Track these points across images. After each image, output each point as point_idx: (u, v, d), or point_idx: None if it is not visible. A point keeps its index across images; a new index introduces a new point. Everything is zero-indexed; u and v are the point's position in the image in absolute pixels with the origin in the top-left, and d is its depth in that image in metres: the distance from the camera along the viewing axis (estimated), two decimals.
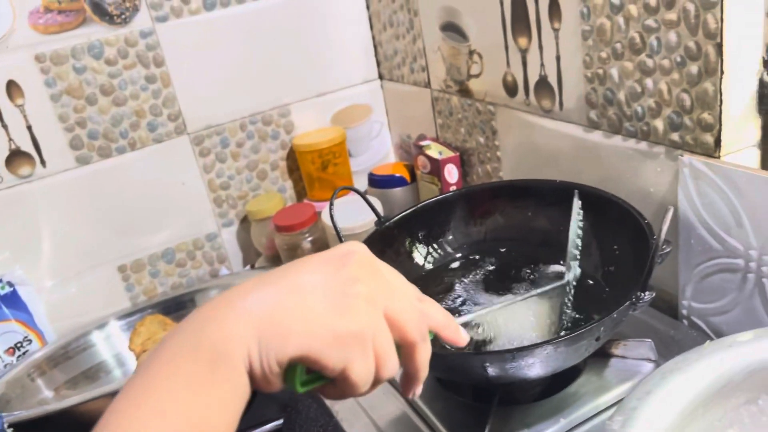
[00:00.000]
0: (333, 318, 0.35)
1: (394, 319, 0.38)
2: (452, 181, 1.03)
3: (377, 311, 0.37)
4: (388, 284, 0.39)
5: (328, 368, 0.35)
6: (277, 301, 0.36)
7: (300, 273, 0.38)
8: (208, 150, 1.10)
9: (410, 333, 0.38)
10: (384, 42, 1.15)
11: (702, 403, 0.46)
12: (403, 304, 0.39)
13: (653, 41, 0.65)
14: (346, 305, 0.36)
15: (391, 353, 0.38)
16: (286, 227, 1.02)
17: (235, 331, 0.35)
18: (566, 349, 0.55)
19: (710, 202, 0.64)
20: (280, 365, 0.35)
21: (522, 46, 0.83)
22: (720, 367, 0.47)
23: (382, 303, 0.37)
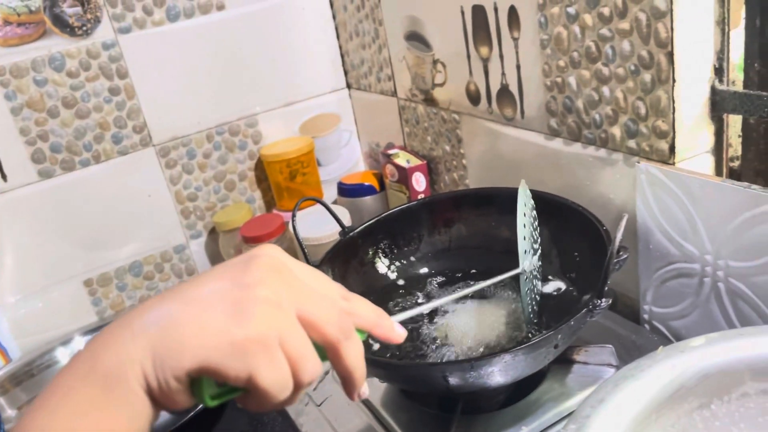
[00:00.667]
0: (229, 325, 0.34)
1: (308, 319, 0.36)
2: (420, 189, 1.04)
3: (284, 313, 0.35)
4: (300, 284, 0.37)
5: (231, 378, 0.34)
6: (171, 316, 0.35)
7: (200, 284, 0.36)
8: (175, 161, 1.09)
9: (329, 332, 0.37)
10: (351, 51, 1.15)
11: (655, 409, 0.47)
12: (319, 304, 0.37)
13: (608, 50, 0.66)
14: (244, 311, 0.34)
15: (307, 355, 0.36)
16: (254, 238, 1.01)
17: (128, 352, 0.34)
18: (525, 357, 0.55)
19: (666, 207, 0.65)
20: (178, 380, 0.34)
21: (483, 56, 0.83)
22: (672, 372, 0.47)
23: (292, 304, 0.36)
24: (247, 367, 0.34)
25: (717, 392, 0.48)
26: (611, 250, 0.54)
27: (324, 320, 0.37)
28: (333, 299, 0.39)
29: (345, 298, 0.40)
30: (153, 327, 0.34)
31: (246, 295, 0.35)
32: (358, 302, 0.41)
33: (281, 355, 0.35)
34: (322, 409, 0.70)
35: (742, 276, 0.60)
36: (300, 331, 0.36)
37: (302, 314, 0.36)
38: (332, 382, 0.74)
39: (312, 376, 0.36)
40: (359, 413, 0.69)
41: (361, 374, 0.40)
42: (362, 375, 0.40)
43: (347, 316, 0.39)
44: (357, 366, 0.39)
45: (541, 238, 0.73)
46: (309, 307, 0.36)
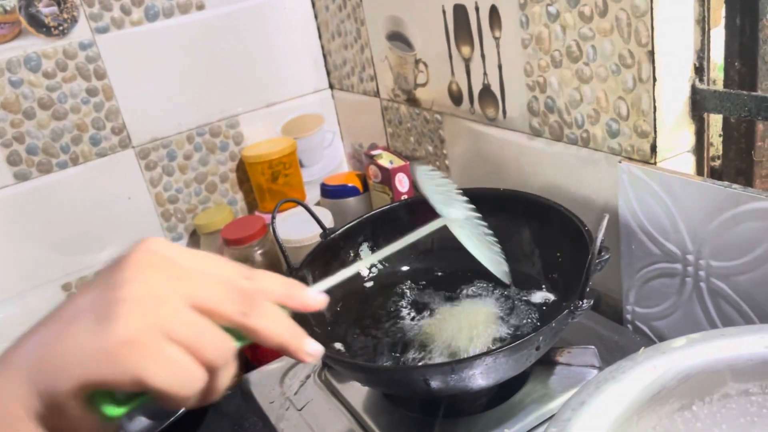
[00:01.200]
0: (97, 333, 0.32)
1: (201, 305, 0.34)
2: (403, 190, 1.03)
3: (164, 305, 0.33)
4: (185, 272, 0.35)
5: (116, 385, 0.32)
6: (43, 341, 0.33)
7: (71, 300, 0.35)
8: (155, 163, 1.08)
9: (227, 310, 0.35)
10: (333, 51, 1.15)
11: (636, 411, 0.46)
12: (209, 286, 0.35)
13: (589, 49, 0.65)
14: (109, 314, 0.32)
15: (204, 337, 0.34)
16: (235, 240, 1.00)
17: (9, 392, 0.32)
18: (506, 359, 0.54)
19: (648, 207, 0.65)
20: (70, 404, 0.32)
21: (465, 55, 0.83)
22: (653, 373, 0.47)
23: (176, 294, 0.34)
24: (127, 370, 0.32)
25: (698, 393, 0.48)
26: (593, 251, 0.54)
27: (218, 300, 0.35)
28: (228, 280, 0.36)
29: (247, 277, 0.38)
30: (28, 358, 0.33)
31: (111, 298, 0.33)
32: (263, 278, 0.38)
33: (171, 347, 0.33)
34: (303, 413, 0.69)
35: (724, 275, 0.60)
36: (188, 316, 0.34)
37: (193, 301, 0.34)
38: (313, 386, 0.73)
39: (219, 355, 0.34)
40: (341, 417, 0.68)
41: (293, 336, 0.38)
42: (295, 337, 0.38)
43: (249, 289, 0.36)
44: (281, 331, 0.37)
45: (522, 239, 0.73)
46: (198, 291, 0.35)
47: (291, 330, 0.38)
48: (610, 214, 0.70)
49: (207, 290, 0.35)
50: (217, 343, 0.34)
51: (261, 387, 0.75)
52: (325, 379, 0.73)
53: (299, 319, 0.65)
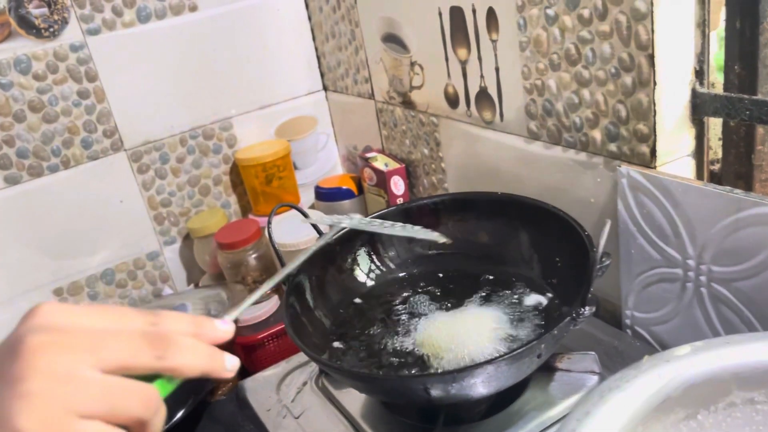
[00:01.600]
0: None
1: (112, 365, 0.33)
2: (399, 193, 1.02)
3: (68, 384, 0.31)
4: (84, 337, 0.33)
5: None
6: None
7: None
8: (147, 166, 1.07)
9: (143, 361, 0.34)
10: (327, 53, 1.14)
11: (641, 421, 0.45)
12: (116, 344, 0.34)
13: (588, 52, 0.65)
14: (11, 415, 0.30)
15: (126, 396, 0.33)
16: (229, 244, 0.99)
17: None
18: (508, 368, 0.54)
19: (648, 212, 0.64)
20: None
21: (462, 58, 0.82)
22: (658, 382, 0.46)
23: (80, 364, 0.32)
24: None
25: (703, 402, 0.47)
26: (594, 257, 0.53)
27: (128, 354, 0.34)
28: (132, 330, 0.35)
29: (152, 322, 0.36)
30: None
31: (8, 396, 0.31)
32: (168, 319, 0.37)
33: (86, 425, 0.31)
34: (300, 421, 0.68)
35: (725, 281, 0.59)
36: (97, 383, 0.32)
37: (101, 364, 0.33)
38: (310, 393, 0.72)
39: (142, 408, 0.33)
40: (338, 425, 0.67)
41: (213, 360, 0.37)
42: (214, 360, 0.37)
43: (156, 331, 0.36)
44: (200, 361, 0.36)
45: (521, 243, 0.72)
46: (104, 353, 0.33)
47: (209, 355, 0.37)
48: (608, 218, 0.70)
49: (113, 348, 0.34)
50: (137, 397, 0.33)
51: (257, 394, 0.74)
52: (322, 386, 0.72)
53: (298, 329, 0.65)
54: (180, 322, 0.38)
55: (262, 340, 0.91)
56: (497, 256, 0.72)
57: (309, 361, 0.77)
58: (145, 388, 0.34)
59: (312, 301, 0.70)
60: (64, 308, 0.35)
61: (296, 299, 0.67)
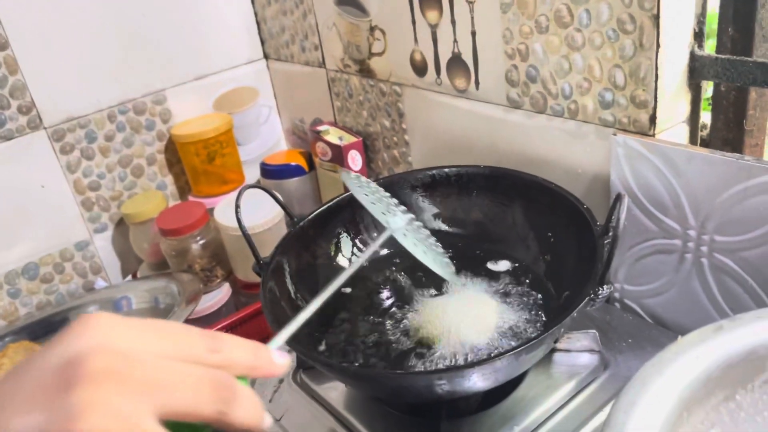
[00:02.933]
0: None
1: (176, 413, 0.29)
2: (356, 169, 0.96)
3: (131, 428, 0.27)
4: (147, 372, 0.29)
5: None
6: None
7: (4, 418, 0.27)
8: (71, 146, 0.95)
9: (206, 413, 0.30)
10: (268, 18, 1.05)
11: (686, 407, 0.43)
12: (181, 387, 0.29)
13: (582, 14, 0.61)
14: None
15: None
16: (173, 231, 0.90)
17: None
18: (527, 355, 0.49)
19: (646, 182, 0.61)
20: None
21: (432, 21, 0.76)
22: (698, 364, 0.44)
23: (143, 409, 0.27)
24: None
25: (741, 381, 0.45)
26: (614, 234, 0.50)
27: (194, 403, 0.29)
28: (196, 367, 0.30)
29: (213, 350, 0.32)
30: None
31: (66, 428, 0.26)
32: (230, 346, 0.33)
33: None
34: (282, 423, 0.62)
35: (729, 251, 0.58)
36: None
37: (163, 411, 0.28)
38: (289, 391, 0.66)
39: None
40: (325, 423, 0.62)
41: (260, 420, 0.33)
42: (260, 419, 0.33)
43: (221, 376, 0.31)
44: (254, 418, 0.32)
45: (514, 220, 0.68)
46: (170, 399, 0.28)
47: (259, 412, 0.33)
48: (600, 188, 0.67)
49: (179, 394, 0.29)
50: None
51: None
52: (301, 382, 0.66)
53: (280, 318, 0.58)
54: (240, 350, 0.33)
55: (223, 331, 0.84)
56: (485, 232, 0.68)
57: None
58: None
59: (293, 288, 0.63)
60: (125, 325, 0.29)
61: (276, 285, 0.61)
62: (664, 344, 0.62)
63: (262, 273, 0.60)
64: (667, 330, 0.66)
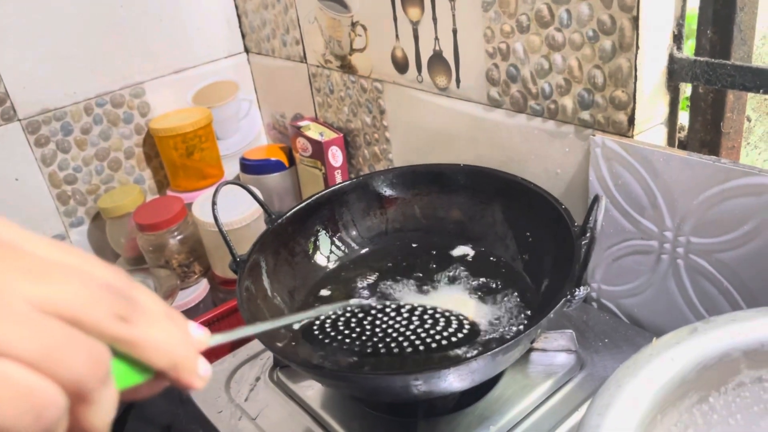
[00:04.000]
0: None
1: (60, 308, 0.24)
2: (336, 165, 0.95)
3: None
4: (34, 263, 0.25)
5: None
6: None
7: None
8: (47, 138, 0.93)
9: (100, 317, 0.25)
10: (249, 12, 1.03)
11: (660, 409, 0.43)
12: (72, 284, 0.25)
13: (563, 14, 0.61)
14: None
15: (64, 347, 0.24)
16: (150, 226, 0.89)
17: None
18: (503, 355, 0.49)
19: (624, 183, 0.62)
20: None
21: (413, 18, 0.76)
22: (672, 366, 0.44)
23: (19, 292, 0.24)
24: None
25: (715, 384, 0.45)
26: (592, 235, 0.50)
27: (84, 301, 0.24)
28: (98, 276, 0.26)
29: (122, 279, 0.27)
30: None
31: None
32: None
33: (2, 364, 0.23)
34: (258, 422, 0.62)
35: (705, 252, 0.58)
36: (33, 320, 0.23)
37: (46, 303, 0.24)
38: (265, 389, 0.66)
39: (86, 369, 0.24)
40: (302, 422, 0.61)
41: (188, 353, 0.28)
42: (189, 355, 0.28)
43: (129, 293, 0.26)
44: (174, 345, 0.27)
45: (493, 219, 0.68)
46: (54, 290, 0.24)
47: (183, 342, 0.28)
48: (578, 188, 0.67)
49: (64, 287, 0.24)
50: (81, 351, 0.24)
51: (204, 395, 0.66)
52: (278, 380, 0.66)
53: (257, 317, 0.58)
54: (154, 300, 0.27)
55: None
56: (463, 230, 0.68)
57: (260, 352, 0.70)
58: (94, 345, 0.24)
59: (269, 286, 0.62)
60: (16, 226, 0.26)
61: (252, 284, 0.60)
62: (640, 344, 0.64)
63: (238, 271, 0.60)
64: (643, 330, 0.66)
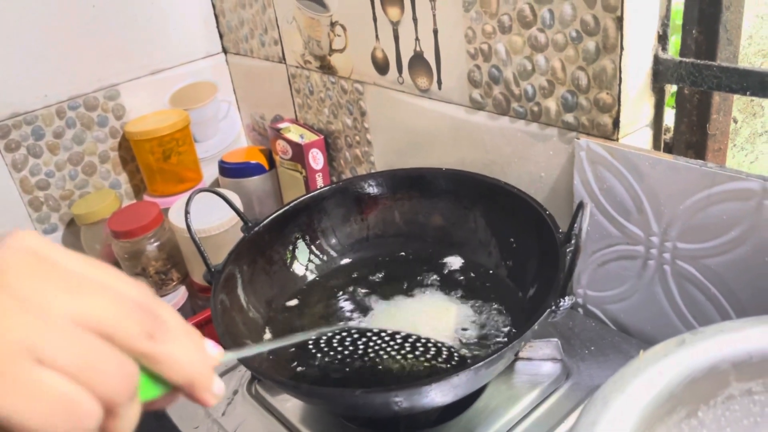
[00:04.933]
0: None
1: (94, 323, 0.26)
2: (317, 168, 0.93)
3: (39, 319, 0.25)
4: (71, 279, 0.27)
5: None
6: None
7: None
8: (17, 143, 0.91)
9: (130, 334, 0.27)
10: (227, 11, 1.01)
11: (648, 426, 0.41)
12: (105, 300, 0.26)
13: (546, 14, 0.59)
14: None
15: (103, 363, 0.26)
16: (126, 233, 0.86)
17: None
18: (487, 368, 0.48)
19: (609, 187, 0.60)
20: None
21: (393, 18, 0.74)
22: (661, 380, 0.42)
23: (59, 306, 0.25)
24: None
25: (704, 397, 0.44)
26: (576, 244, 0.48)
27: (116, 318, 0.26)
28: (127, 294, 0.27)
29: (148, 295, 0.29)
30: None
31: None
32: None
33: (45, 373, 0.24)
34: None
35: (692, 258, 0.57)
36: (74, 336, 0.25)
37: (83, 318, 0.25)
38: (243, 403, 0.63)
39: (119, 386, 0.25)
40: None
41: (204, 370, 0.29)
42: (206, 372, 0.29)
43: (154, 310, 0.28)
44: (193, 363, 0.29)
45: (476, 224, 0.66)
46: (89, 306, 0.26)
47: (201, 361, 0.29)
48: (563, 192, 0.66)
49: (99, 303, 0.26)
50: (116, 369, 0.26)
51: (180, 410, 0.64)
52: (256, 394, 0.64)
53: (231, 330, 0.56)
54: (176, 318, 0.30)
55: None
56: (446, 236, 0.66)
57: (238, 365, 0.68)
58: (127, 363, 0.26)
59: (245, 298, 0.60)
60: (51, 242, 0.27)
61: (226, 296, 0.58)
62: (626, 351, 0.63)
63: (213, 282, 0.57)
64: (630, 337, 0.65)
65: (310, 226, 0.68)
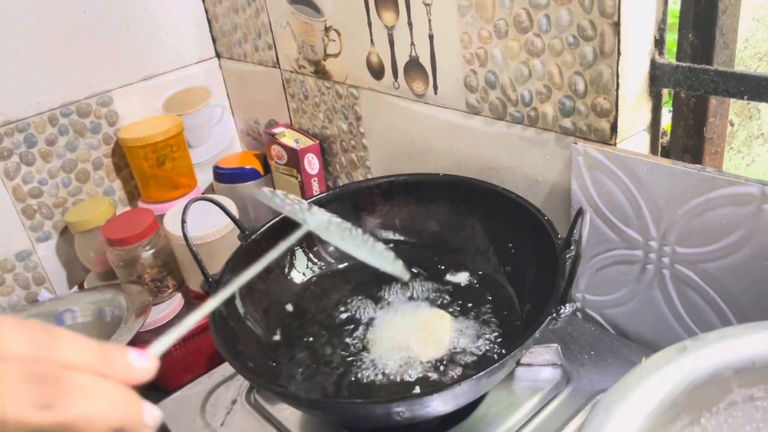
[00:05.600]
0: None
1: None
2: (313, 173, 0.93)
3: None
4: None
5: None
6: None
7: None
8: (9, 151, 0.90)
9: (17, 413, 0.24)
10: (220, 16, 1.00)
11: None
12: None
13: (542, 19, 0.59)
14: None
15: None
16: (121, 240, 0.86)
17: None
18: (488, 380, 0.48)
19: (607, 191, 0.60)
20: None
21: (388, 23, 0.74)
22: (663, 387, 0.42)
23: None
24: None
25: (706, 404, 0.44)
26: (577, 251, 0.48)
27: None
28: (8, 357, 0.25)
29: (43, 347, 0.25)
30: None
31: None
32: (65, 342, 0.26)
33: None
34: None
35: (691, 262, 0.57)
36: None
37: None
38: (242, 412, 0.63)
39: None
40: None
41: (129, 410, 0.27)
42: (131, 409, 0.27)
43: (47, 371, 0.25)
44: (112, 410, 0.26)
45: (473, 230, 0.66)
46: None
47: (120, 401, 0.26)
48: (561, 197, 0.66)
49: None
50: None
51: (179, 420, 0.63)
52: (255, 403, 0.63)
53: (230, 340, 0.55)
54: (80, 351, 0.26)
55: (169, 348, 0.80)
56: (444, 243, 0.66)
57: (236, 374, 0.67)
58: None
59: (242, 308, 0.60)
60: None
61: (224, 306, 0.58)
62: (626, 356, 0.62)
63: (210, 292, 0.57)
64: (629, 341, 0.65)
65: (308, 234, 0.67)
